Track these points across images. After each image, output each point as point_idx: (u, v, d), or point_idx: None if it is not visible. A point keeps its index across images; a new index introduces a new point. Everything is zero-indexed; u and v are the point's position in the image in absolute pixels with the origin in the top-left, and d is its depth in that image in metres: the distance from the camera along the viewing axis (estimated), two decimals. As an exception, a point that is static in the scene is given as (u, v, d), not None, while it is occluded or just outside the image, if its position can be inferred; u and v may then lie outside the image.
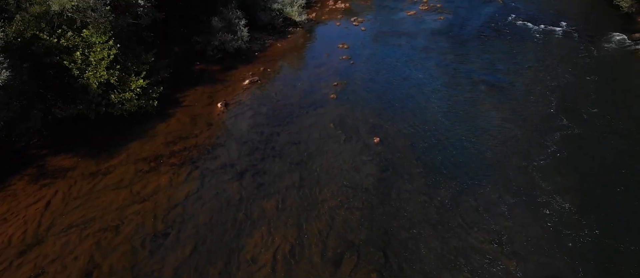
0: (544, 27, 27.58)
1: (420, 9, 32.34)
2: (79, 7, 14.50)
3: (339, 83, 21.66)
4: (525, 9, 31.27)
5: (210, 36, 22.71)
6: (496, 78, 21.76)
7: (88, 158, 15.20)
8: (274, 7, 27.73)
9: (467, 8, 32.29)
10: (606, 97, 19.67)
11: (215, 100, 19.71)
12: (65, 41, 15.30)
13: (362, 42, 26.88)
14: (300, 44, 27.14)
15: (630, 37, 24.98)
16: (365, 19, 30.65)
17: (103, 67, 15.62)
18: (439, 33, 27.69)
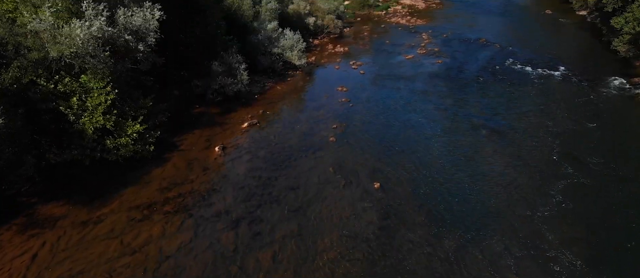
0: (542, 71, 27.75)
1: (418, 53, 32.72)
2: (77, 53, 14.48)
3: (338, 126, 21.49)
4: (522, 53, 31.61)
5: (211, 79, 22.75)
6: (497, 122, 21.59)
7: (80, 205, 14.74)
8: (275, 52, 28.01)
9: (465, 52, 32.66)
10: (609, 144, 19.39)
11: (213, 143, 19.45)
12: (62, 86, 15.20)
13: (361, 85, 26.95)
14: (300, 86, 27.23)
15: (629, 82, 25.05)
16: (364, 63, 30.94)
17: (99, 113, 15.44)
18: (438, 77, 27.82)
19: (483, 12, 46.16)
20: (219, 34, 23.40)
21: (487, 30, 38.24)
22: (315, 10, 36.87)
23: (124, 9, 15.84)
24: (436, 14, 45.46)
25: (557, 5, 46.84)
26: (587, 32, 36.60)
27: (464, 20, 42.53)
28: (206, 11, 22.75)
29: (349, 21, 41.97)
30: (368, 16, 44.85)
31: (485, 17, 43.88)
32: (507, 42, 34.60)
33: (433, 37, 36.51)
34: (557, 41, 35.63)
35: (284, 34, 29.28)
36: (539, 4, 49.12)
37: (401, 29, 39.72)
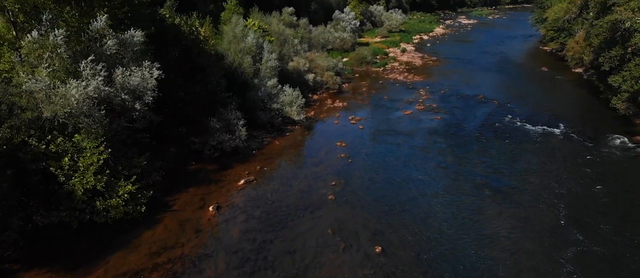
0: (542, 129, 27.61)
1: (416, 108, 32.81)
2: (72, 113, 14.24)
3: (337, 183, 20.95)
4: (521, 110, 31.69)
5: (208, 135, 22.50)
6: (500, 182, 21.07)
7: (63, 273, 13.89)
8: (274, 107, 28.02)
9: (463, 108, 32.76)
10: (618, 208, 18.71)
11: (208, 203, 18.81)
12: (54, 146, 14.83)
13: (360, 140, 26.70)
14: (299, 141, 26.96)
15: (631, 140, 24.82)
16: (363, 118, 30.91)
17: (91, 173, 14.96)
18: (437, 133, 27.64)
19: (479, 68, 47.01)
20: (219, 91, 23.41)
21: (485, 87, 38.66)
22: (314, 67, 37.43)
23: (123, 68, 15.80)
24: (433, 71, 46.24)
25: (553, 63, 47.83)
26: (585, 90, 36.98)
27: (461, 77, 43.16)
28: (207, 69, 22.90)
29: (348, 77, 42.55)
30: (366, 72, 45.56)
31: (482, 73, 44.61)
32: (505, 98, 34.83)
33: (431, 93, 36.80)
34: (555, 97, 35.91)
35: (284, 90, 29.45)
36: (534, 61, 50.20)
37: (399, 85, 40.17)
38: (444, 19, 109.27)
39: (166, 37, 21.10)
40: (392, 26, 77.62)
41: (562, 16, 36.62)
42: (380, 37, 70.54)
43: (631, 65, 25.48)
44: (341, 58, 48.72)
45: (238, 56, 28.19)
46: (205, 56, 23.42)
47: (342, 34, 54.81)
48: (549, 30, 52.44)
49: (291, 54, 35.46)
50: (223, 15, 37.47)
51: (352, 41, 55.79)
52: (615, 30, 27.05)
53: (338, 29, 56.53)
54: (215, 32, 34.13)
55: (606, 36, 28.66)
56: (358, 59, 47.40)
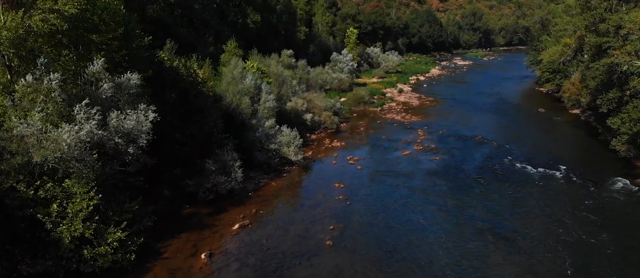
0: (543, 171, 27.26)
1: (415, 149, 32.59)
2: (62, 157, 13.88)
3: (335, 227, 20.34)
4: (520, 152, 31.47)
5: (203, 178, 22.05)
6: (503, 227, 20.49)
7: (44, 327, 13.09)
8: (271, 148, 27.74)
9: (462, 149, 32.55)
10: (624, 256, 18.05)
11: (200, 249, 18.11)
12: (43, 192, 14.36)
13: (359, 181, 26.27)
14: (296, 182, 26.50)
15: (633, 183, 24.45)
16: (361, 158, 30.60)
17: (79, 220, 14.41)
18: (436, 174, 27.25)
19: (477, 109, 47.23)
20: (216, 132, 23.18)
21: (483, 128, 38.64)
22: (312, 107, 37.48)
23: (118, 112, 15.59)
24: (430, 111, 46.40)
25: (549, 104, 48.15)
26: (583, 131, 36.96)
27: (459, 117, 43.26)
28: (204, 110, 22.76)
29: (346, 117, 42.58)
30: (364, 112, 45.68)
31: (479, 114, 44.76)
32: (504, 139, 34.70)
33: (429, 134, 36.70)
34: (554, 139, 35.82)
35: (281, 130, 29.28)
36: (531, 102, 50.59)
37: (397, 125, 40.16)
38: (439, 60, 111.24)
39: (164, 80, 21.07)
40: (389, 67, 78.81)
41: (557, 58, 37.22)
42: (378, 77, 71.42)
43: (629, 107, 25.50)
44: (339, 98, 48.97)
45: (236, 97, 28.18)
46: (203, 97, 23.35)
47: (339, 75, 55.42)
48: (545, 72, 53.17)
49: (289, 94, 35.60)
50: (223, 57, 37.85)
51: (350, 82, 56.37)
52: (611, 73, 27.28)
53: (336, 70, 57.24)
54: (214, 73, 34.32)
55: (603, 79, 28.88)
56: (356, 99, 47.69)
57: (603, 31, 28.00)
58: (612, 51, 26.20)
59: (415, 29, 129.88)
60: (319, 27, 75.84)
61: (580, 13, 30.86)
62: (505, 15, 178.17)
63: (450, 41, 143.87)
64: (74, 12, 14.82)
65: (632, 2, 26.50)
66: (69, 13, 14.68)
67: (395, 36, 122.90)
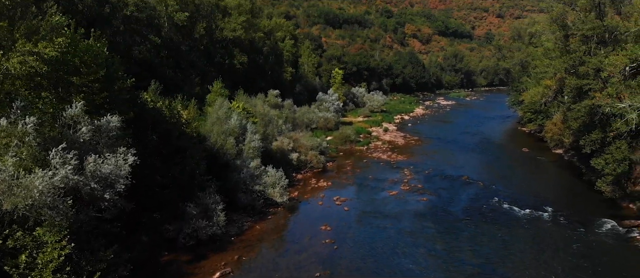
0: (530, 213, 27.08)
1: (402, 189, 32.29)
2: (34, 205, 13.11)
3: (321, 274, 19.56)
4: (507, 192, 31.39)
5: (184, 222, 21.22)
6: (494, 273, 19.94)
7: None
8: (256, 189, 27.10)
9: (449, 189, 32.38)
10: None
11: (179, 300, 17.14)
12: (12, 241, 13.43)
13: (345, 224, 25.66)
14: (281, 225, 25.76)
15: (621, 224, 24.37)
16: (348, 198, 30.11)
17: (49, 271, 13.43)
18: (425, 216, 26.85)
19: (462, 149, 47.56)
20: (198, 174, 22.56)
21: (469, 168, 38.72)
22: (298, 146, 37.21)
23: (95, 156, 14.99)
24: (416, 150, 46.53)
25: (533, 144, 48.83)
26: (567, 171, 37.27)
27: (444, 157, 43.40)
28: (187, 151, 22.23)
29: (332, 156, 42.33)
30: (350, 151, 45.56)
31: (464, 154, 45.02)
32: (490, 180, 34.70)
33: (415, 174, 36.56)
34: (539, 179, 35.98)
35: (267, 170, 28.77)
36: (515, 142, 51.28)
37: (383, 165, 40.00)
38: (423, 100, 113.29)
39: (146, 121, 20.62)
40: (374, 107, 79.75)
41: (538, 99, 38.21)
42: (363, 116, 72.01)
43: (612, 148, 25.83)
44: (325, 137, 48.91)
45: (221, 137, 27.77)
46: (186, 138, 22.88)
47: (325, 114, 55.65)
48: (527, 112, 54.28)
49: (275, 134, 35.34)
50: (208, 97, 37.68)
51: (336, 121, 56.61)
52: (593, 115, 27.83)
53: (322, 109, 57.54)
54: (199, 114, 34.00)
55: (585, 120, 29.41)
56: (342, 138, 47.68)
57: (583, 74, 28.81)
58: (593, 93, 26.84)
59: (399, 70, 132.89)
60: (305, 67, 76.94)
61: (559, 56, 31.84)
62: (486, 57, 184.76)
63: (433, 81, 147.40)
64: (55, 54, 14.49)
65: (610, 46, 27.49)
66: (49, 56, 14.34)
67: (380, 77, 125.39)
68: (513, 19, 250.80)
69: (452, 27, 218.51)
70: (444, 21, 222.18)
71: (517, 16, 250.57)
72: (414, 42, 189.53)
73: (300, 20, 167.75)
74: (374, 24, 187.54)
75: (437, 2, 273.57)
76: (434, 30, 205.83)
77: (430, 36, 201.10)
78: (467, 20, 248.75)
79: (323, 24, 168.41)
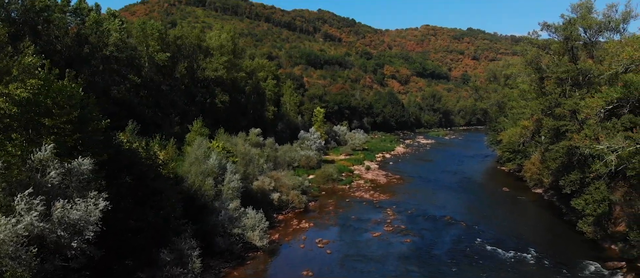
0: (513, 254, 26.78)
1: (385, 229, 31.74)
2: (-7, 255, 12.13)
3: (303, 324, 18.58)
4: (490, 233, 31.16)
5: (157, 270, 20.07)
6: (480, 319, 19.37)
7: None
8: (235, 232, 26.14)
9: (432, 230, 31.97)
10: None
11: None
12: (-35, 296, 12.31)
13: (328, 268, 24.81)
14: (260, 271, 24.71)
15: (604, 266, 24.23)
16: (330, 240, 29.33)
17: (7, 328, 12.29)
18: (409, 259, 26.24)
19: (443, 188, 47.56)
20: (173, 217, 21.63)
21: (451, 207, 38.57)
22: (280, 186, 36.52)
23: (64, 201, 14.15)
24: (398, 189, 46.29)
25: (512, 183, 49.24)
26: (548, 211, 37.43)
27: (426, 196, 43.24)
28: (162, 194, 21.39)
29: (314, 195, 41.68)
30: (332, 190, 45.00)
31: (446, 193, 44.97)
32: (472, 220, 34.51)
33: (398, 214, 36.14)
34: (521, 219, 35.96)
35: (246, 212, 27.91)
36: (495, 181, 51.68)
37: (366, 204, 39.50)
38: (403, 138, 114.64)
39: (121, 163, 19.86)
40: (356, 145, 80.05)
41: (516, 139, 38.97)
42: (345, 155, 72.00)
43: (591, 189, 26.07)
44: (307, 176, 48.37)
45: (199, 178, 26.98)
46: (162, 180, 22.09)
47: (307, 153, 55.36)
48: (505, 152, 55.15)
49: (256, 173, 34.64)
50: (188, 136, 37.07)
51: (318, 159, 56.31)
52: (571, 155, 28.26)
53: (304, 148, 57.30)
54: (178, 153, 33.24)
55: (563, 160, 29.84)
56: (324, 176, 47.18)
57: (559, 115, 29.50)
58: (570, 133, 27.37)
59: (379, 109, 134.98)
60: (287, 106, 77.22)
61: (535, 97, 32.69)
62: (463, 97, 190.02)
63: (412, 120, 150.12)
64: (26, 96, 13.91)
65: (584, 88, 28.39)
66: (19, 97, 13.74)
67: (361, 115, 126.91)
68: (488, 61, 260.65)
69: (429, 69, 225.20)
70: (421, 63, 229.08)
71: (492, 58, 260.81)
72: (393, 82, 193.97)
73: (282, 61, 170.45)
74: (354, 65, 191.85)
75: (415, 45, 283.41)
76: (412, 72, 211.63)
77: (409, 76, 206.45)
78: (443, 62, 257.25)
79: (305, 65, 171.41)
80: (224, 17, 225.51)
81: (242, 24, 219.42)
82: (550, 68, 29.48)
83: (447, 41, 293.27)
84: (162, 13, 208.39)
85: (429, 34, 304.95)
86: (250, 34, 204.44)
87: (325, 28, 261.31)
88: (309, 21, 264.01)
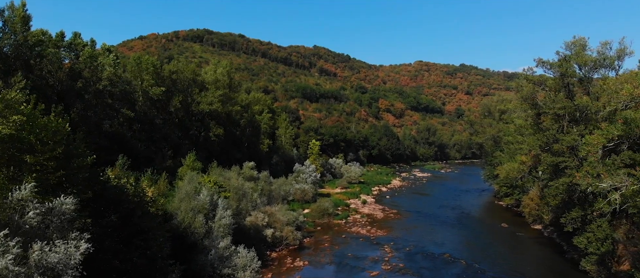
0: (517, 295, 25.78)
1: (383, 268, 30.61)
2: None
3: None
4: (490, 272, 30.07)
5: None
6: None
7: None
8: (225, 272, 25.00)
9: (431, 269, 30.88)
10: None
11: None
12: None
13: (323, 312, 23.63)
14: (252, 314, 23.48)
15: (611, 310, 23.27)
16: (326, 281, 28.18)
17: None
18: (408, 301, 25.10)
19: (441, 223, 46.57)
20: (160, 258, 20.60)
21: (450, 244, 37.55)
22: (273, 221, 35.49)
23: (42, 243, 13.29)
24: (395, 225, 45.26)
25: (511, 219, 48.39)
26: (549, 248, 36.49)
27: (424, 232, 42.24)
28: (149, 232, 20.44)
29: (309, 231, 40.59)
30: (328, 225, 43.89)
31: (444, 229, 43.96)
32: (471, 257, 33.48)
33: (396, 251, 35.07)
34: (522, 257, 34.94)
35: (238, 251, 26.82)
36: (493, 216, 50.80)
37: (362, 240, 38.41)
38: (399, 171, 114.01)
39: (107, 200, 19.05)
40: (351, 178, 79.25)
41: (515, 175, 38.42)
42: (341, 188, 71.06)
43: (593, 226, 25.37)
44: (302, 210, 47.40)
45: (189, 214, 26.05)
46: (149, 217, 21.18)
47: (303, 186, 54.47)
48: (502, 187, 54.52)
49: (249, 208, 33.64)
50: (180, 171, 36.31)
51: (313, 192, 55.35)
52: (572, 192, 27.67)
53: (299, 181, 56.42)
54: (169, 188, 32.37)
55: (563, 197, 29.21)
56: (319, 211, 46.14)
57: (558, 151, 29.07)
58: (570, 170, 26.88)
59: (375, 142, 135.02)
60: (283, 139, 76.81)
61: (532, 133, 32.40)
62: (457, 131, 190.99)
63: (407, 153, 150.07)
64: (8, 132, 13.31)
65: (581, 125, 28.13)
66: (1, 134, 13.14)
67: (356, 148, 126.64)
68: (481, 96, 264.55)
69: (423, 103, 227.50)
70: (415, 97, 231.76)
71: (485, 93, 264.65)
72: (388, 116, 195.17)
73: (278, 94, 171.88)
74: (350, 99, 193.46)
75: (408, 80, 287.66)
76: (407, 106, 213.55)
77: (403, 110, 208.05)
78: (437, 97, 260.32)
79: (300, 98, 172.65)
80: (221, 53, 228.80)
81: (239, 59, 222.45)
82: (547, 104, 29.35)
83: (440, 76, 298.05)
84: (159, 48, 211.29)
85: (422, 70, 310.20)
86: (247, 69, 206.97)
87: (321, 63, 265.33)
88: (305, 56, 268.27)
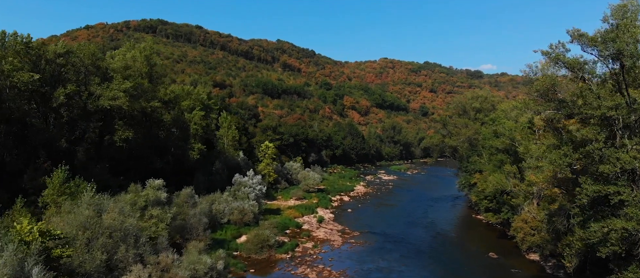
0: None
1: None
2: None
3: None
4: None
5: None
6: None
7: None
8: None
9: None
10: None
11: None
12: None
13: None
14: None
15: None
16: None
17: None
18: None
19: (414, 253, 36.49)
20: None
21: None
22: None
23: None
24: (357, 257, 34.88)
25: (498, 242, 39.24)
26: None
27: (393, 267, 32.32)
28: None
29: (238, 275, 29.71)
30: (267, 263, 32.93)
31: (418, 263, 33.96)
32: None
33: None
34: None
35: None
36: (475, 240, 41.44)
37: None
38: (364, 173, 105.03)
39: None
40: (310, 185, 68.84)
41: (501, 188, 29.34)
42: (295, 199, 60.60)
43: None
44: (237, 238, 36.57)
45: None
46: None
47: (241, 204, 43.45)
48: (482, 200, 45.51)
49: (130, 261, 21.89)
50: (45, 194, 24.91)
51: (256, 212, 44.32)
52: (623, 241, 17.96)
53: (239, 197, 45.28)
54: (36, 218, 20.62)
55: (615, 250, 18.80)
56: (257, 242, 35.12)
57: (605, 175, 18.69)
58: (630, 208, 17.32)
59: (339, 141, 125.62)
60: (225, 141, 65.14)
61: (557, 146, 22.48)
62: (422, 129, 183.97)
63: (373, 152, 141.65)
64: None
65: None
66: None
67: (319, 148, 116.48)
68: (445, 93, 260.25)
69: (388, 101, 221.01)
70: (380, 94, 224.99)
71: (449, 91, 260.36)
72: (353, 113, 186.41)
73: (235, 90, 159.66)
74: (314, 95, 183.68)
75: (374, 77, 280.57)
76: (372, 103, 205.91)
77: (368, 108, 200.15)
78: (402, 94, 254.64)
79: (261, 94, 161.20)
80: (176, 44, 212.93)
81: (195, 51, 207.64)
82: (587, 102, 18.83)
83: (405, 73, 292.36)
84: (106, 38, 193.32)
85: (387, 67, 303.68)
86: (203, 62, 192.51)
87: (284, 58, 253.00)
88: (268, 51, 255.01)
